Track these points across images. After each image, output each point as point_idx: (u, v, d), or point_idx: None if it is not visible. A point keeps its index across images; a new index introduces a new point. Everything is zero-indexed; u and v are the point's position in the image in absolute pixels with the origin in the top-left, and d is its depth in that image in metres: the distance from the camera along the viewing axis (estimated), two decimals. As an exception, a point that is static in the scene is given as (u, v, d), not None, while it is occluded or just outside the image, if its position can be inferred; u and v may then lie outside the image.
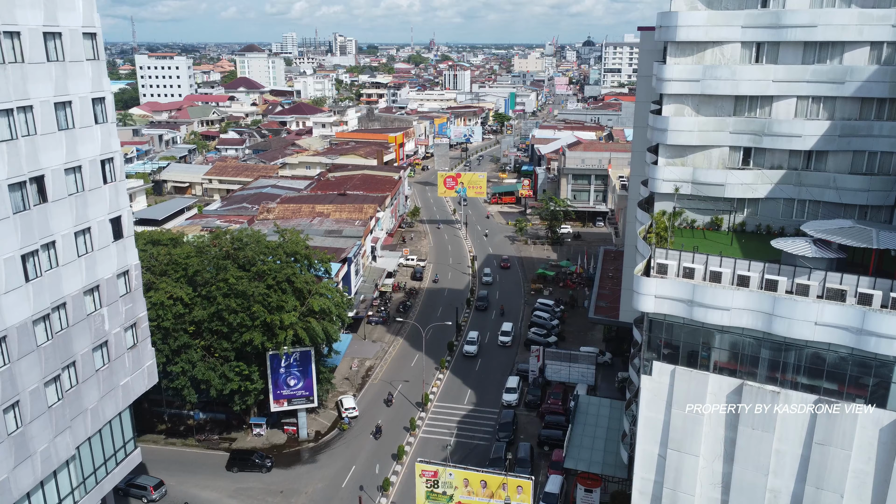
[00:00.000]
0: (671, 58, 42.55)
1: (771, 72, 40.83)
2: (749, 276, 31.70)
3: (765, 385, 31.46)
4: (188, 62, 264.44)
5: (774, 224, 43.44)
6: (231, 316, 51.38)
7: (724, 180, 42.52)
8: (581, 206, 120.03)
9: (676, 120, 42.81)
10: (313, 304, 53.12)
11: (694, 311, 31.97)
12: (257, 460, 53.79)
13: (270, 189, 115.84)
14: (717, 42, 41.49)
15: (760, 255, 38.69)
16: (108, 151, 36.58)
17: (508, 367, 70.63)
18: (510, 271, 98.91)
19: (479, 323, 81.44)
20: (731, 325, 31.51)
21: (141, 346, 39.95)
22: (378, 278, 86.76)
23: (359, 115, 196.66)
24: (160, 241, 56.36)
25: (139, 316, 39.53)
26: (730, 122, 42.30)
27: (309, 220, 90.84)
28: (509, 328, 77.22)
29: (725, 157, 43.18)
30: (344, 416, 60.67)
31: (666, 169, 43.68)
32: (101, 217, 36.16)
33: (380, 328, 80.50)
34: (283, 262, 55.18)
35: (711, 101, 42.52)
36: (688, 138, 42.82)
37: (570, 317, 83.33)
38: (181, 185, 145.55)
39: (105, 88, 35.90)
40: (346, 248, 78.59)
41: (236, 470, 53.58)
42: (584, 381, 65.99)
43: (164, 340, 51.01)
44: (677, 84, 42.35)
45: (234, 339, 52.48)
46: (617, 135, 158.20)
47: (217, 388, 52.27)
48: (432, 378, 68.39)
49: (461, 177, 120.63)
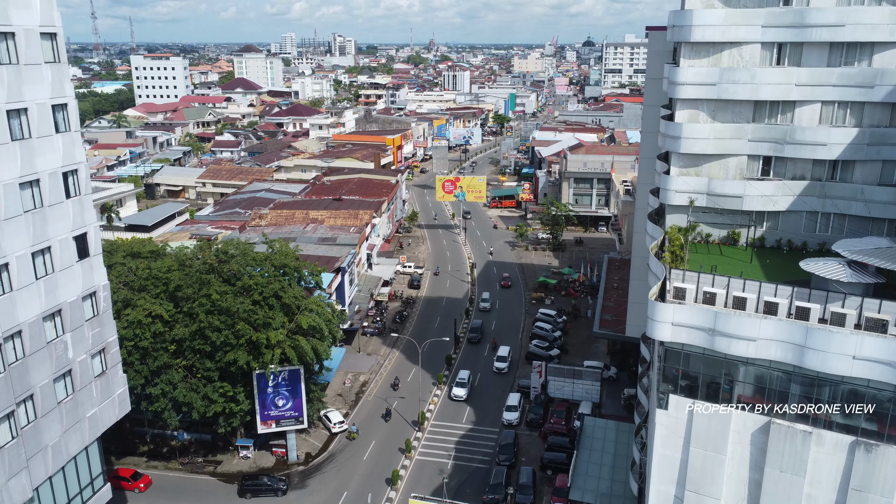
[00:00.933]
0: (685, 60, 39.43)
1: (794, 75, 37.70)
2: (777, 303, 28.56)
3: (795, 423, 28.31)
4: (184, 63, 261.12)
5: (796, 239, 40.31)
6: (214, 334, 48.25)
7: (742, 192, 39.39)
8: (583, 211, 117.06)
9: (690, 127, 39.69)
10: (302, 322, 49.96)
11: (716, 341, 28.82)
12: (270, 483, 50.85)
13: (264, 193, 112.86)
14: (736, 43, 38.37)
15: (784, 275, 35.58)
16: (71, 163, 33.34)
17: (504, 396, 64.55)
18: (511, 290, 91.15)
19: (471, 357, 72.77)
20: (757, 357, 28.36)
21: (111, 374, 36.78)
22: (374, 287, 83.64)
23: (356, 116, 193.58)
24: (140, 253, 53.19)
25: (108, 340, 36.36)
26: (748, 130, 39.16)
27: (302, 226, 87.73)
28: (506, 353, 71.15)
29: (743, 166, 40.05)
30: (353, 426, 59.56)
31: (679, 179, 40.56)
32: (63, 235, 32.99)
33: (375, 340, 77.34)
34: (270, 275, 52.04)
35: (729, 107, 39.39)
36: (703, 146, 39.70)
37: (573, 327, 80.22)
38: (174, 189, 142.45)
39: (68, 94, 32.71)
40: (340, 257, 75.44)
41: (249, 496, 50.54)
42: (588, 398, 62.88)
43: (143, 361, 47.86)
44: (692, 88, 39.23)
45: (218, 358, 49.35)
46: (619, 137, 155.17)
47: (199, 411, 49.12)
48: (429, 395, 65.22)
49: (460, 181, 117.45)
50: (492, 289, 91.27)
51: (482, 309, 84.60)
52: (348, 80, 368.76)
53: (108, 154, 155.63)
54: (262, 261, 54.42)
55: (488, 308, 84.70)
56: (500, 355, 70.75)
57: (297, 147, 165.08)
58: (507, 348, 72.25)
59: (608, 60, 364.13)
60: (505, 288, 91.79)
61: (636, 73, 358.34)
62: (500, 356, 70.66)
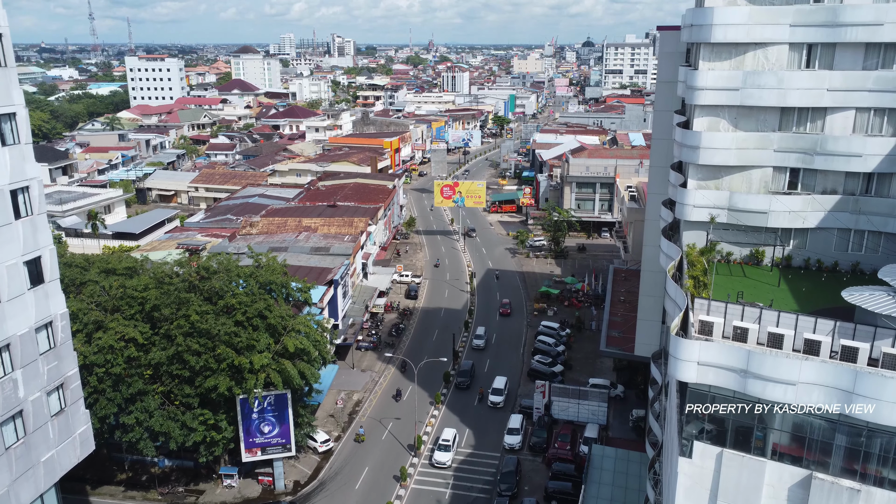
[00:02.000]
0: (704, 62, 35.88)
1: (825, 79, 34.20)
2: (819, 342, 25.01)
3: (840, 479, 24.77)
4: (180, 64, 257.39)
5: (826, 258, 36.78)
6: (192, 359, 44.70)
7: (767, 207, 35.87)
8: (586, 216, 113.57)
9: (710, 136, 36.16)
10: (288, 345, 46.36)
11: (749, 384, 25.28)
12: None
13: (257, 199, 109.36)
14: (761, 43, 34.84)
15: (818, 301, 32.06)
16: (20, 179, 29.75)
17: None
18: (511, 319, 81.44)
19: (458, 409, 62.25)
20: (796, 404, 24.81)
21: (70, 411, 33.21)
22: (369, 299, 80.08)
23: (353, 118, 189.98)
24: (115, 270, 49.58)
25: (68, 374, 32.79)
26: (774, 139, 35.64)
27: (294, 235, 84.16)
28: (502, 384, 64.09)
29: (768, 179, 36.52)
30: (360, 428, 58.62)
31: (697, 193, 37.01)
32: (11, 260, 29.42)
33: (370, 355, 73.76)
34: (255, 293, 48.46)
35: (753, 114, 35.86)
36: (724, 157, 36.18)
37: (577, 340, 76.70)
38: (166, 194, 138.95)
39: (15, 101, 29.13)
40: (333, 269, 71.89)
41: None
42: (594, 420, 59.37)
43: (116, 388, 44.27)
44: (712, 94, 35.70)
45: (198, 383, 45.80)
46: (621, 139, 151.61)
47: (178, 441, 45.55)
48: (426, 416, 61.64)
49: (458, 186, 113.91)
50: (489, 318, 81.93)
51: (475, 347, 73.86)
52: (347, 81, 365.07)
53: (100, 158, 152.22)
54: (247, 276, 50.94)
55: (482, 346, 73.68)
56: (496, 387, 63.85)
57: (292, 150, 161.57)
58: (504, 379, 65.06)
59: (608, 61, 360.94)
60: (504, 316, 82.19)
61: (637, 73, 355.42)
62: (495, 388, 63.77)
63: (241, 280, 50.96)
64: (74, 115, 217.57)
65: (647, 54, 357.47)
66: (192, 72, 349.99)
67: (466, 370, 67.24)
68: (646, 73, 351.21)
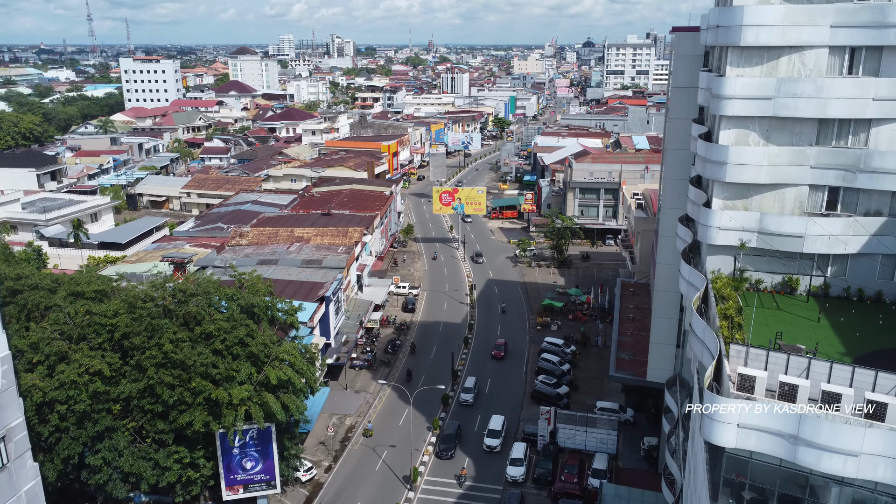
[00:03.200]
0: (733, 68, 31.90)
1: (871, 87, 30.24)
2: (885, 403, 21.05)
3: (909, 566, 20.83)
4: (175, 65, 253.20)
5: (869, 287, 32.83)
6: (165, 392, 40.74)
7: (803, 230, 31.90)
8: (590, 223, 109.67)
9: (739, 150, 32.19)
10: (271, 376, 42.38)
11: (799, 453, 21.32)
12: None
13: (250, 206, 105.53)
14: (797, 46, 30.87)
15: (866, 340, 28.10)
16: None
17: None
18: (505, 363, 70.65)
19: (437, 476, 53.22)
20: (858, 478, 20.86)
21: (14, 467, 29.20)
22: (364, 313, 76.07)
23: (351, 121, 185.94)
24: (83, 293, 45.56)
25: (11, 425, 28.79)
26: (811, 154, 31.68)
27: (286, 246, 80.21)
28: (499, 424, 57.14)
29: (804, 199, 32.56)
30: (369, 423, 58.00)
31: (723, 214, 33.03)
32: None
33: (364, 374, 69.79)
34: (236, 318, 44.48)
35: (787, 126, 31.89)
36: (754, 174, 32.21)
37: (583, 357, 72.79)
38: (158, 199, 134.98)
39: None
40: (325, 284, 67.96)
41: None
42: (604, 449, 55.34)
43: (81, 425, 40.26)
44: (741, 103, 31.72)
45: (172, 418, 41.83)
46: (624, 142, 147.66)
47: (150, 482, 41.56)
48: (423, 443, 57.64)
49: (458, 192, 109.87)
50: (482, 363, 70.63)
51: (462, 403, 62.24)
52: (346, 82, 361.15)
53: (91, 162, 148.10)
54: (228, 299, 46.99)
55: (471, 402, 61.94)
56: (492, 429, 56.88)
57: (288, 154, 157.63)
58: (501, 419, 58.17)
59: (610, 62, 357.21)
60: (497, 360, 70.57)
61: (639, 74, 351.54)
62: (491, 430, 56.81)
63: (224, 302, 47.09)
64: (68, 117, 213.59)
65: (648, 55, 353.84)
66: (190, 73, 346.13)
67: (451, 435, 56.41)
68: (647, 73, 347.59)
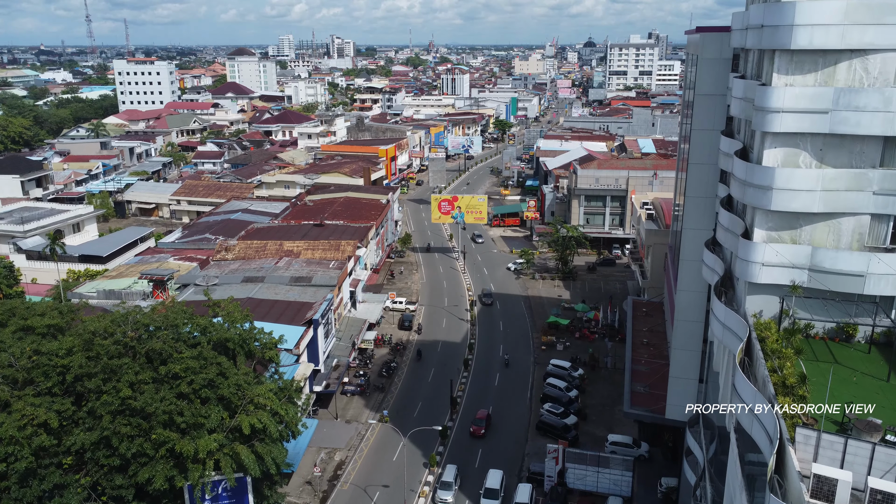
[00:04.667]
0: (781, 76, 26.85)
1: (949, 98, 25.21)
2: None
3: None
4: (170, 66, 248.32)
5: (940, 335, 27.80)
6: (122, 444, 35.74)
7: (864, 268, 26.86)
8: (595, 232, 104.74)
9: (787, 173, 27.15)
10: (243, 424, 37.34)
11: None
12: None
13: (240, 215, 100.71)
14: (860, 50, 25.85)
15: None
16: None
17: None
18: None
19: None
20: None
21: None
22: (357, 333, 71.03)
23: (348, 124, 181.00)
24: (34, 327, 40.52)
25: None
26: (875, 178, 26.67)
27: (274, 261, 75.23)
28: (497, 482, 49.91)
29: (864, 230, 27.52)
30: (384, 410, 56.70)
31: (768, 248, 27.98)
32: None
33: (357, 401, 64.73)
34: (206, 357, 39.43)
35: (845, 145, 26.87)
36: (806, 202, 27.17)
37: (591, 381, 67.82)
38: (147, 207, 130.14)
39: None
40: (313, 305, 63.02)
41: None
42: (617, 491, 50.36)
43: (25, 483, 35.26)
44: (791, 118, 26.68)
45: (132, 472, 36.81)
46: (630, 146, 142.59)
47: (107, 545, 36.57)
48: (419, 484, 52.62)
49: (458, 200, 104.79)
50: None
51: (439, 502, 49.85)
52: (345, 82, 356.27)
53: (79, 167, 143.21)
54: (201, 331, 41.99)
55: (450, 502, 49.77)
56: (489, 487, 49.55)
57: (283, 158, 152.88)
58: (500, 475, 50.85)
59: (612, 62, 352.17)
60: (475, 437, 57.90)
61: (642, 74, 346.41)
62: (488, 488, 49.50)
63: (196, 334, 42.14)
64: (60, 120, 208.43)
65: (651, 55, 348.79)
66: (188, 74, 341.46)
67: (449, 482, 50.09)
68: (650, 74, 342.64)
